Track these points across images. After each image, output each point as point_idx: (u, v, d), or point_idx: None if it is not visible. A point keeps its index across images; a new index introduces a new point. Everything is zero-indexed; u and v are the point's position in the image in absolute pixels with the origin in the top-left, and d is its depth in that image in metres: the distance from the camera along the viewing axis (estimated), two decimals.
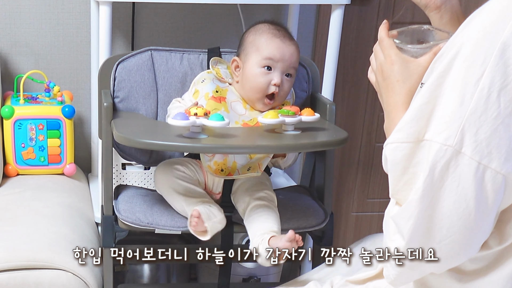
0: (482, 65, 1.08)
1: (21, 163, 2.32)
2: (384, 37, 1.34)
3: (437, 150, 1.11)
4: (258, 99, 1.87)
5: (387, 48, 1.32)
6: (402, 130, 1.17)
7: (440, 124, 1.12)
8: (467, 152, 1.09)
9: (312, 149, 1.94)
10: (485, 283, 1.21)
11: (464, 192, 1.11)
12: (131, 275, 2.52)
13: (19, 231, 1.91)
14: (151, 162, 2.05)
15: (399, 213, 1.19)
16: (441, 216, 1.14)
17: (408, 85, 1.28)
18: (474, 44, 1.09)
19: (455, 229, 1.13)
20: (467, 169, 1.10)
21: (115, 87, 1.94)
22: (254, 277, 2.50)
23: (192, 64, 2.00)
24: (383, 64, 1.32)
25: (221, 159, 1.84)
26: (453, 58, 1.12)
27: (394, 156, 1.18)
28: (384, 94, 1.33)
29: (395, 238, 1.21)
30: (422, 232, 1.16)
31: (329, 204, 2.00)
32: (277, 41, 1.86)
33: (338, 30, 2.34)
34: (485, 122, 1.08)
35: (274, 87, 1.84)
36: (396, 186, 1.21)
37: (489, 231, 1.16)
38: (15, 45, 2.55)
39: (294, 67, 1.88)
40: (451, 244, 1.15)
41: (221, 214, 1.78)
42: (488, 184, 1.10)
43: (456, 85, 1.10)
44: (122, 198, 1.91)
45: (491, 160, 1.09)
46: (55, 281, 1.79)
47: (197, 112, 1.66)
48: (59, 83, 2.53)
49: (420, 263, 1.19)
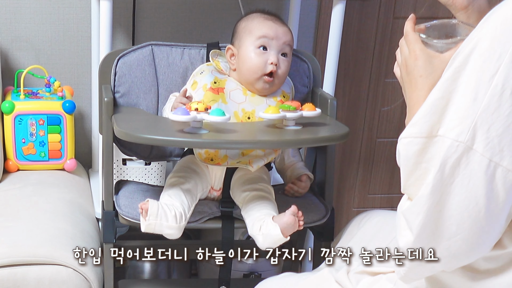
0: (497, 61, 1.07)
1: (22, 158, 2.31)
2: (409, 31, 1.32)
3: (449, 146, 1.10)
4: (256, 79, 1.86)
5: (412, 42, 1.30)
6: (416, 125, 1.16)
7: (453, 120, 1.11)
8: (478, 149, 1.09)
9: (313, 144, 1.93)
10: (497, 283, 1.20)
11: (475, 190, 1.10)
12: (132, 270, 2.51)
13: (19, 227, 1.91)
14: (152, 158, 2.05)
15: (409, 208, 1.18)
16: (450, 213, 1.13)
17: (431, 81, 1.26)
18: (491, 40, 1.08)
19: (465, 226, 1.12)
20: (478, 166, 1.09)
21: (115, 82, 1.94)
22: (254, 273, 2.50)
23: (193, 59, 1.99)
24: (407, 58, 1.30)
25: (213, 150, 1.83)
26: (470, 54, 1.11)
27: (407, 151, 1.18)
28: (407, 89, 1.31)
29: (405, 234, 1.20)
30: (431, 228, 1.15)
31: (330, 199, 2.00)
32: (269, 22, 1.87)
33: (339, 25, 2.33)
34: (498, 119, 1.07)
35: (271, 65, 1.84)
36: (408, 181, 1.20)
37: (501, 231, 1.15)
38: (16, 40, 2.54)
39: (290, 45, 1.88)
40: (460, 241, 1.14)
41: (175, 223, 1.71)
42: (499, 182, 1.09)
43: (470, 81, 1.10)
44: (122, 194, 1.90)
45: (503, 158, 1.08)
46: (55, 276, 1.79)
47: (198, 107, 1.65)
48: (59, 78, 2.52)
49: (422, 261, 1.19)
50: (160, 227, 1.70)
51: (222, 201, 1.89)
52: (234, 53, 1.89)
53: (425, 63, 1.28)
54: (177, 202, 1.75)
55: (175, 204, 1.74)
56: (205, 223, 1.85)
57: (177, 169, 1.89)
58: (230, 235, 1.87)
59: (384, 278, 1.45)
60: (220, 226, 1.87)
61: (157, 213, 1.69)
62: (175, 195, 1.78)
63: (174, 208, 1.73)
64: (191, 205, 1.80)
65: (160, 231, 1.71)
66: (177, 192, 1.79)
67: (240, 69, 1.87)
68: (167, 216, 1.70)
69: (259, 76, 1.85)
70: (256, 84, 1.86)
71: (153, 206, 1.69)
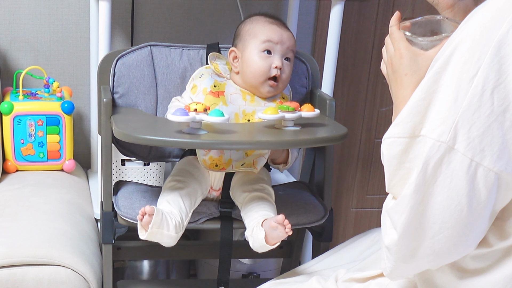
0: (477, 62, 1.08)
1: (21, 159, 2.32)
2: (394, 29, 1.34)
3: (431, 146, 1.12)
4: (261, 83, 1.86)
5: (397, 40, 1.32)
6: (399, 125, 1.17)
7: (435, 120, 1.12)
8: (460, 149, 1.10)
9: (312, 145, 1.93)
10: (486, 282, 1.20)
11: (456, 189, 1.11)
12: (131, 271, 2.52)
13: (18, 227, 1.91)
14: (151, 158, 2.05)
15: (393, 207, 1.19)
16: (433, 212, 1.14)
17: (416, 79, 1.28)
18: (471, 41, 1.09)
19: (448, 225, 1.14)
20: (459, 166, 1.10)
21: (114, 82, 1.94)
22: (253, 273, 2.50)
23: (191, 60, 2.00)
24: (393, 57, 1.32)
25: (217, 155, 1.84)
26: (451, 55, 1.12)
27: (391, 150, 1.19)
28: (393, 87, 1.33)
29: (390, 232, 1.21)
30: (414, 226, 1.16)
31: (328, 200, 2.00)
32: (274, 26, 1.87)
33: (338, 26, 2.34)
34: (479, 120, 1.08)
35: (276, 69, 1.84)
36: (392, 181, 1.21)
37: (484, 230, 1.17)
38: (14, 40, 2.55)
39: (293, 50, 1.89)
40: (443, 240, 1.15)
41: (174, 233, 1.71)
42: (480, 181, 1.10)
43: (451, 82, 1.11)
44: (121, 194, 1.91)
45: (484, 158, 1.09)
46: (54, 277, 1.79)
47: (197, 107, 1.65)
48: (58, 79, 2.53)
49: (412, 258, 1.20)
50: (161, 236, 1.69)
51: (222, 201, 1.89)
52: (238, 56, 1.89)
53: (410, 61, 1.29)
54: (176, 209, 1.75)
55: (174, 212, 1.74)
56: (204, 223, 1.86)
57: (175, 172, 1.89)
58: (229, 236, 1.88)
59: (374, 284, 1.46)
60: (219, 227, 1.87)
61: (160, 222, 1.68)
62: (173, 202, 1.77)
63: (174, 216, 1.72)
64: (189, 211, 1.79)
65: (160, 239, 1.71)
66: (175, 198, 1.78)
67: (244, 72, 1.88)
68: (169, 225, 1.70)
69: (263, 80, 1.85)
70: (261, 88, 1.87)
71: (158, 214, 1.67)
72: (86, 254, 1.88)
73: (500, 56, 1.07)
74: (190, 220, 1.80)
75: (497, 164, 1.09)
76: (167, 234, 1.69)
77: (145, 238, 1.69)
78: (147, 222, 1.66)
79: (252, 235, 1.72)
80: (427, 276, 1.30)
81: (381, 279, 1.45)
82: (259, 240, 1.69)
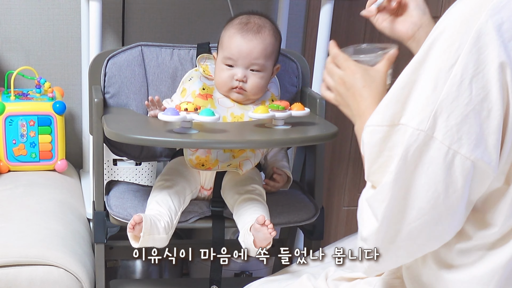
0: (456, 51, 1.10)
1: (12, 159, 2.32)
2: (338, 53, 1.40)
3: (410, 134, 1.14)
4: (226, 92, 1.88)
5: (344, 61, 1.39)
6: (379, 114, 1.20)
7: (415, 109, 1.14)
8: (438, 137, 1.12)
9: (302, 143, 1.94)
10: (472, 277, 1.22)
11: (434, 176, 1.13)
12: (123, 270, 2.52)
13: (10, 228, 1.91)
14: (142, 158, 2.06)
15: (374, 195, 1.21)
16: (413, 198, 1.16)
17: (374, 89, 1.34)
18: (451, 31, 1.11)
19: (425, 211, 1.16)
20: (437, 154, 1.12)
21: (105, 82, 1.94)
22: (245, 272, 2.50)
23: (182, 60, 2.00)
24: (344, 76, 1.38)
25: (204, 155, 1.84)
26: (431, 45, 1.14)
27: (371, 139, 1.21)
28: (351, 103, 1.38)
29: (369, 221, 1.23)
30: (395, 214, 1.18)
31: (319, 198, 2.01)
32: (237, 38, 1.84)
33: (328, 24, 2.35)
34: (457, 108, 1.10)
35: (237, 82, 1.85)
36: (371, 168, 1.23)
37: (461, 218, 1.19)
38: (5, 41, 2.55)
39: (257, 63, 1.85)
40: (420, 227, 1.17)
41: (165, 234, 1.72)
42: (457, 169, 1.12)
43: (431, 71, 1.13)
44: (113, 194, 1.91)
45: (461, 146, 1.11)
46: (47, 277, 1.79)
47: (188, 107, 1.66)
48: (49, 79, 2.53)
49: (390, 245, 1.21)
50: (153, 240, 1.70)
51: (213, 200, 1.89)
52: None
53: (363, 74, 1.36)
54: (165, 209, 1.76)
55: (162, 212, 1.75)
56: (196, 222, 1.86)
57: (164, 172, 1.90)
58: (221, 235, 1.88)
59: (363, 283, 1.47)
60: (210, 226, 1.88)
61: (150, 228, 1.68)
62: (162, 201, 1.78)
63: (162, 218, 1.73)
64: (179, 210, 1.80)
65: (153, 244, 1.71)
66: (164, 198, 1.79)
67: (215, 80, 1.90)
68: (159, 229, 1.71)
69: (227, 89, 1.87)
70: (230, 95, 1.88)
71: (146, 222, 1.68)
72: (78, 254, 1.88)
73: (479, 45, 1.09)
74: (181, 220, 1.80)
75: (474, 152, 1.11)
76: (158, 237, 1.71)
77: (139, 246, 1.69)
78: (138, 231, 1.67)
79: (244, 241, 1.73)
80: (414, 274, 1.32)
81: (370, 279, 1.46)
82: (249, 245, 1.70)
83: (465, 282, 1.23)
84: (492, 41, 1.08)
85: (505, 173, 1.16)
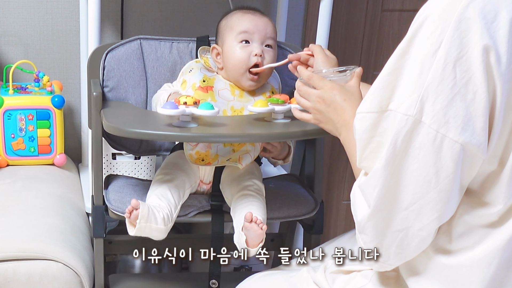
0: (439, 36, 1.12)
1: (11, 153, 2.31)
2: (311, 74, 1.49)
3: (399, 119, 1.16)
4: (241, 74, 1.84)
5: (319, 81, 1.47)
6: (368, 101, 1.22)
7: (402, 95, 1.17)
8: (426, 121, 1.14)
9: (302, 137, 1.94)
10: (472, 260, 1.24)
11: (424, 160, 1.15)
12: (122, 265, 2.51)
13: (9, 222, 1.91)
14: (141, 152, 2.05)
15: (366, 181, 1.23)
16: (405, 183, 1.18)
17: (354, 102, 1.40)
18: (434, 16, 1.14)
19: (419, 196, 1.18)
20: (426, 138, 1.14)
21: (104, 76, 1.93)
22: (245, 267, 2.50)
23: (181, 53, 1.99)
24: (322, 94, 1.45)
25: (204, 150, 1.84)
26: (415, 31, 1.16)
27: (361, 125, 1.23)
28: (333, 117, 1.43)
29: (362, 207, 1.25)
30: (388, 199, 1.20)
31: (319, 192, 2.00)
32: (249, 16, 1.86)
33: (327, 18, 2.34)
34: (442, 92, 1.12)
35: (255, 57, 1.83)
36: (362, 154, 1.25)
37: (455, 203, 1.21)
38: (4, 35, 2.54)
39: (272, 37, 1.87)
40: (416, 211, 1.19)
41: (163, 226, 1.71)
42: (446, 153, 1.14)
43: (416, 57, 1.15)
44: (112, 188, 1.91)
45: (449, 130, 1.13)
46: (46, 271, 1.79)
47: (187, 101, 1.65)
48: (48, 73, 2.52)
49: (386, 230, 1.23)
50: (150, 230, 1.70)
51: (212, 194, 1.89)
52: (219, 52, 1.89)
53: (341, 90, 1.43)
54: (164, 202, 1.75)
55: (162, 205, 1.74)
56: (195, 217, 1.86)
57: (164, 165, 1.89)
58: (220, 229, 1.88)
59: (359, 275, 1.48)
60: (210, 220, 1.87)
61: (147, 216, 1.68)
62: (162, 195, 1.77)
63: (161, 209, 1.73)
64: (178, 204, 1.79)
65: (149, 233, 1.71)
66: (164, 191, 1.78)
67: (226, 66, 1.87)
68: (157, 218, 1.70)
69: (243, 71, 1.84)
70: (242, 81, 1.86)
71: (144, 209, 1.67)
72: (77, 248, 1.88)
73: (461, 29, 1.11)
74: (180, 214, 1.80)
75: (461, 136, 1.13)
76: (156, 227, 1.70)
77: (134, 234, 1.70)
78: (135, 217, 1.67)
79: (238, 242, 1.73)
80: (410, 264, 1.32)
81: (366, 271, 1.46)
82: (243, 245, 1.70)
83: (465, 266, 1.24)
84: (475, 24, 1.10)
85: (498, 156, 1.18)
